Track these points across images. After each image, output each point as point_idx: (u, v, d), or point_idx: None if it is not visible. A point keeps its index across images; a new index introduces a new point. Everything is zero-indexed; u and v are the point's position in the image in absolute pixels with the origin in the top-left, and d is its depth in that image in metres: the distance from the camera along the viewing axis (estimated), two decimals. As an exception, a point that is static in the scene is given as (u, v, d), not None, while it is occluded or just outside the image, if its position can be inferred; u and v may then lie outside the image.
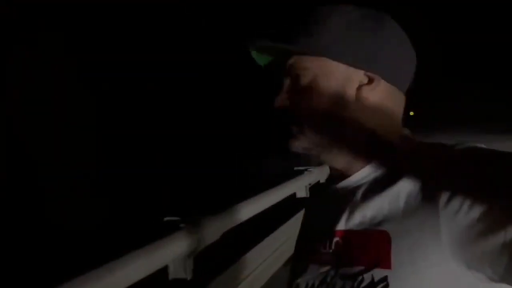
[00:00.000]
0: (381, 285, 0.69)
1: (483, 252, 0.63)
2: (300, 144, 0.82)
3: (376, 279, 0.70)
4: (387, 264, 0.70)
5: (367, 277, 0.71)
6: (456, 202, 0.66)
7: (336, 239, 0.80)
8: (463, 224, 0.65)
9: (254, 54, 0.87)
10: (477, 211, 0.64)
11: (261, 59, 0.89)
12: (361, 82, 0.80)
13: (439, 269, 0.67)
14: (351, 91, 0.80)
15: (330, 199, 0.86)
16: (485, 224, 0.63)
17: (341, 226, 0.80)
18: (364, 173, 0.81)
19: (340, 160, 0.83)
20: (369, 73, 0.80)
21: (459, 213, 0.65)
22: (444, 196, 0.68)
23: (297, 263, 0.89)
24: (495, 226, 0.62)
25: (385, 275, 0.69)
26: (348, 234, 0.78)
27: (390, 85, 0.82)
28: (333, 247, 0.80)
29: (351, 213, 0.79)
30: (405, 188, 0.74)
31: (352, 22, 0.80)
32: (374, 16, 0.82)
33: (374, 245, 0.73)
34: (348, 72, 0.80)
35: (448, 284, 0.67)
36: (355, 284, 0.72)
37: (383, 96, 0.81)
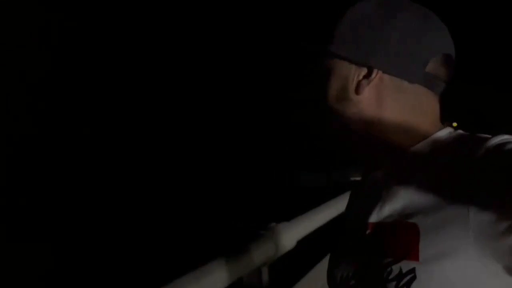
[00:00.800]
0: (409, 276, 0.71)
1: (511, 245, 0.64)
2: (347, 144, 0.85)
3: (404, 270, 0.72)
4: (415, 256, 0.71)
5: (395, 269, 0.73)
6: (487, 196, 0.67)
7: (368, 231, 0.82)
8: (493, 218, 0.65)
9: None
10: (508, 206, 0.64)
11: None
12: (362, 77, 0.82)
13: (466, 262, 0.67)
14: (352, 87, 0.82)
15: (364, 192, 0.88)
16: None
17: (372, 218, 0.81)
18: (397, 167, 0.82)
19: (367, 154, 0.86)
20: (371, 68, 0.82)
21: (490, 207, 0.66)
22: (475, 189, 0.68)
23: (334, 255, 0.92)
24: None
25: (412, 267, 0.71)
26: (379, 226, 0.80)
27: (398, 79, 0.82)
28: (365, 239, 0.82)
29: (382, 205, 0.81)
30: (435, 181, 0.74)
31: (362, 17, 0.82)
32: (389, 5, 0.83)
33: (403, 237, 0.74)
34: (350, 69, 0.83)
35: (475, 277, 0.68)
36: (384, 275, 0.74)
37: (391, 89, 0.82)
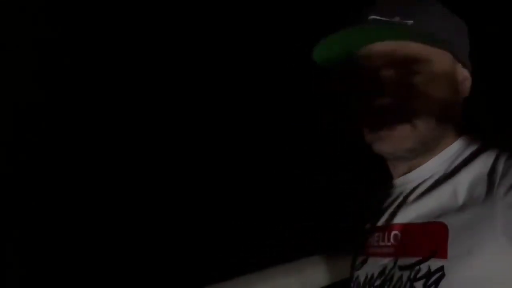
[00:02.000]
0: (437, 274, 0.71)
1: None
2: (407, 145, 0.79)
3: (432, 269, 0.72)
4: (443, 254, 0.72)
5: (423, 267, 0.73)
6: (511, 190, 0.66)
7: (394, 232, 0.82)
8: None
9: (321, 48, 0.82)
10: None
11: (326, 53, 0.84)
12: (462, 70, 0.81)
13: (495, 259, 0.68)
14: (457, 80, 0.81)
15: (390, 193, 0.88)
16: None
17: (400, 219, 0.82)
18: (426, 169, 0.82)
19: (419, 156, 0.82)
20: (462, 67, 0.82)
21: None
22: (502, 187, 0.69)
23: (357, 256, 0.92)
24: None
25: (441, 265, 0.71)
26: (406, 227, 0.80)
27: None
28: (391, 240, 0.82)
29: (410, 206, 0.81)
30: (463, 180, 0.75)
31: (444, 12, 0.82)
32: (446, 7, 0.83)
33: (431, 236, 0.74)
34: (450, 60, 0.80)
35: (503, 274, 0.68)
36: (412, 274, 0.74)
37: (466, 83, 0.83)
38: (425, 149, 0.81)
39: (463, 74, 0.83)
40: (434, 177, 0.81)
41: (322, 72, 0.93)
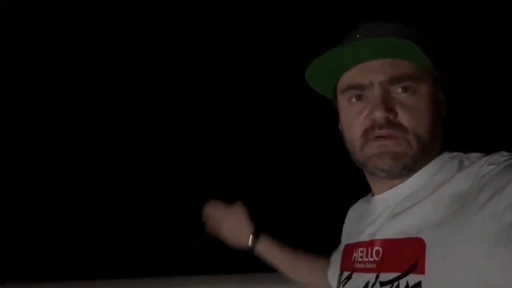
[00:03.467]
0: None
1: None
2: (404, 161, 0.79)
3: (410, 284, 0.71)
4: (421, 270, 0.71)
5: (402, 283, 0.73)
6: (490, 207, 0.66)
7: (376, 248, 0.82)
8: (500, 226, 0.64)
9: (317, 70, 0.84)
10: (510, 217, 0.63)
11: (322, 75, 0.85)
12: (440, 94, 0.82)
13: (471, 273, 0.66)
14: (439, 101, 0.82)
15: (372, 209, 0.88)
16: None
17: (381, 235, 0.82)
18: (406, 186, 0.82)
19: (416, 164, 0.82)
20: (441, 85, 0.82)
21: (494, 216, 0.65)
22: (478, 202, 0.68)
23: (342, 271, 0.91)
24: None
25: (419, 280, 0.70)
26: (388, 242, 0.80)
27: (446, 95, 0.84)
28: (374, 255, 0.82)
29: (391, 222, 0.81)
30: (442, 196, 0.75)
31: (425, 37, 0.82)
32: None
33: (410, 252, 0.74)
34: (432, 81, 0.81)
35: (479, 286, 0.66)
36: None
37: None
38: (418, 161, 0.81)
39: (441, 97, 0.84)
40: (414, 194, 0.80)
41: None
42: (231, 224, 1.17)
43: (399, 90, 0.78)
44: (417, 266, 0.72)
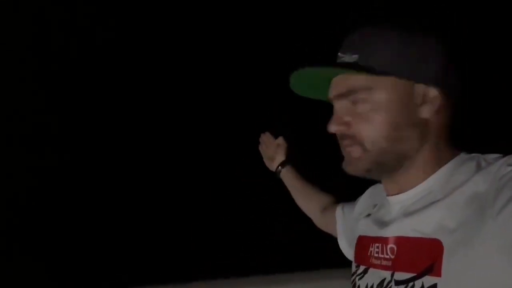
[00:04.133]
0: None
1: None
2: (362, 166, 0.83)
3: (426, 286, 0.72)
4: (437, 272, 0.72)
5: (417, 284, 0.74)
6: (507, 212, 0.67)
7: (390, 245, 0.84)
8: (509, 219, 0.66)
9: (295, 80, 0.90)
10: None
11: (300, 85, 0.91)
12: (423, 96, 0.82)
13: (489, 279, 0.67)
14: (414, 106, 0.81)
15: (387, 206, 0.91)
16: None
17: (396, 232, 0.84)
18: (420, 189, 0.84)
19: (399, 177, 0.85)
20: (427, 87, 0.81)
21: (510, 224, 0.66)
22: (495, 207, 0.69)
23: (358, 267, 0.94)
24: None
25: (435, 282, 0.72)
26: (403, 240, 0.82)
27: (443, 95, 0.83)
28: (389, 253, 0.84)
29: (406, 220, 0.83)
30: (458, 199, 0.76)
31: (402, 39, 0.81)
32: (411, 29, 0.83)
33: (427, 253, 0.75)
34: (402, 85, 0.81)
35: None
36: None
37: (440, 108, 0.83)
38: (392, 169, 0.85)
39: (429, 94, 0.83)
40: (430, 195, 0.82)
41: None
42: (270, 151, 1.54)
43: (349, 103, 0.84)
44: (433, 268, 0.73)
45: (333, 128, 0.85)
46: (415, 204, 0.83)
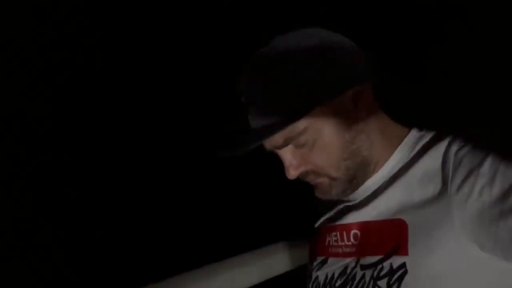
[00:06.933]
0: (400, 271, 0.71)
1: (495, 235, 0.64)
2: (336, 191, 0.83)
3: (395, 266, 0.72)
4: (404, 251, 0.72)
5: (386, 265, 0.73)
6: (467, 187, 0.68)
7: (354, 231, 0.83)
8: (475, 208, 0.66)
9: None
10: (487, 196, 0.65)
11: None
12: (352, 99, 0.79)
13: (454, 253, 0.68)
14: (351, 113, 0.79)
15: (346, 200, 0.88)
16: (496, 209, 0.64)
17: (358, 218, 0.83)
18: (380, 175, 0.83)
19: (363, 176, 0.83)
20: (350, 89, 0.78)
21: (471, 198, 0.67)
22: (455, 183, 0.70)
23: (315, 256, 0.91)
24: (507, 212, 0.62)
25: (403, 261, 0.71)
26: (366, 225, 0.81)
27: (365, 87, 0.80)
28: (351, 239, 0.83)
29: (367, 205, 0.82)
30: (415, 176, 0.76)
31: (297, 66, 0.76)
32: (308, 47, 0.77)
33: (392, 234, 0.75)
34: (337, 102, 0.77)
35: (463, 267, 0.68)
36: (375, 272, 0.74)
37: (369, 100, 0.82)
38: (364, 176, 0.84)
39: (356, 94, 0.80)
40: (387, 178, 0.82)
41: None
42: None
43: (292, 147, 0.81)
44: (400, 247, 0.73)
45: (292, 174, 0.81)
46: (375, 191, 0.83)
